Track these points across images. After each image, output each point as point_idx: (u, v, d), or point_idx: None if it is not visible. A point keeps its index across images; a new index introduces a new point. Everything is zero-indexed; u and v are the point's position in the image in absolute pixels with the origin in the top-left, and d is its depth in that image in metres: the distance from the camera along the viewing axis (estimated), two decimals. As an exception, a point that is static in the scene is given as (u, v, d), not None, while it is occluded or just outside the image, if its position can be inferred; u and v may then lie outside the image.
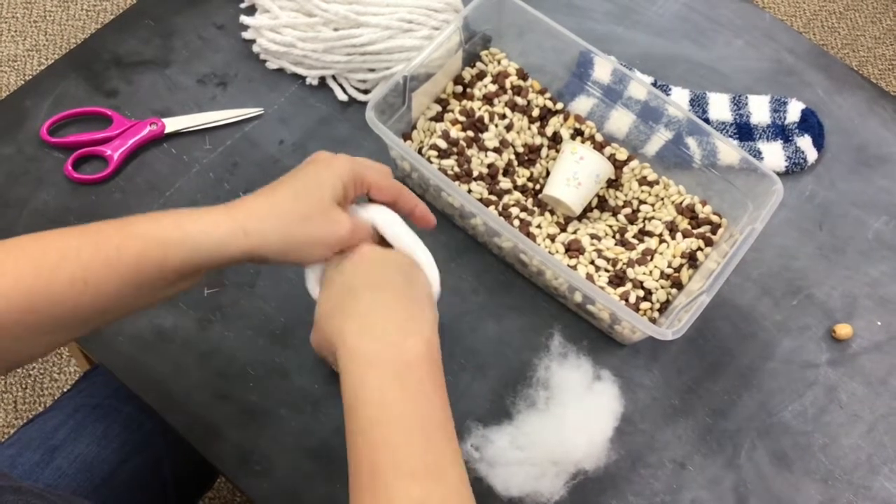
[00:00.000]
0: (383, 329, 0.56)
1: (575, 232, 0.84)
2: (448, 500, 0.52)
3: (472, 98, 0.88)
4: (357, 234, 0.61)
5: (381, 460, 0.52)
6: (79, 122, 0.88)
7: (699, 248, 0.83)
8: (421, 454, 0.52)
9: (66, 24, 1.87)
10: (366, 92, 0.92)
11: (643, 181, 0.87)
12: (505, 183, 0.85)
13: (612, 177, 0.88)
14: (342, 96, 0.91)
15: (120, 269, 0.54)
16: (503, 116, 0.87)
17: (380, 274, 0.61)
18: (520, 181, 0.86)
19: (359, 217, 0.63)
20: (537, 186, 0.88)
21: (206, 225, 0.56)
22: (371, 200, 0.66)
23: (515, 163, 0.87)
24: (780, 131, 0.93)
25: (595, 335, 0.81)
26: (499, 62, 0.90)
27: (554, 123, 0.89)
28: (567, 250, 0.82)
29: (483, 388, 0.78)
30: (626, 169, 0.88)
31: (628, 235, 0.84)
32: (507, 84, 0.88)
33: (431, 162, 0.83)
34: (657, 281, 0.80)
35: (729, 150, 0.82)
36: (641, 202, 0.87)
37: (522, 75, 0.90)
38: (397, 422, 0.53)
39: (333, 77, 0.91)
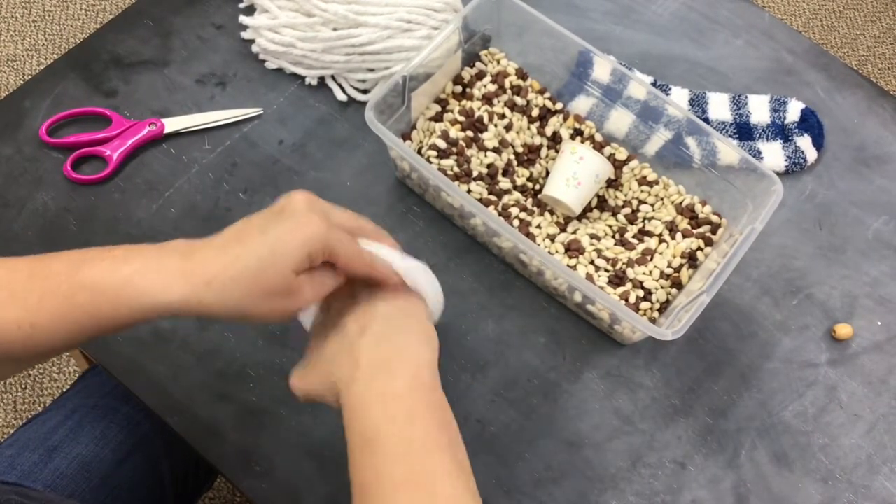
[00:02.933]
0: (377, 358, 0.57)
1: (575, 232, 0.84)
2: None
3: (471, 98, 0.88)
4: (311, 299, 0.57)
5: (367, 480, 0.53)
6: (78, 123, 0.88)
7: (699, 248, 0.82)
8: (407, 468, 0.52)
9: (65, 24, 1.86)
10: (365, 92, 0.91)
11: (643, 181, 0.87)
12: (504, 183, 0.85)
13: (612, 177, 0.88)
14: (341, 96, 0.91)
15: (68, 317, 0.52)
16: (502, 116, 0.87)
17: (371, 318, 0.60)
18: (519, 181, 0.86)
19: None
20: (537, 186, 0.88)
21: (159, 287, 0.52)
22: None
23: (515, 163, 0.87)
24: (780, 131, 0.93)
25: (595, 335, 0.81)
26: (498, 62, 0.90)
27: (553, 123, 0.89)
28: (567, 250, 0.82)
29: (483, 388, 0.78)
30: (625, 169, 0.88)
31: (628, 235, 0.84)
32: (507, 84, 0.88)
33: (431, 162, 0.83)
34: (657, 281, 0.80)
35: (729, 150, 0.82)
36: (641, 202, 0.87)
37: (522, 75, 0.90)
38: (383, 445, 0.53)
39: (333, 77, 0.91)
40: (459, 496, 0.53)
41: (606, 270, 0.81)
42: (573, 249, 0.82)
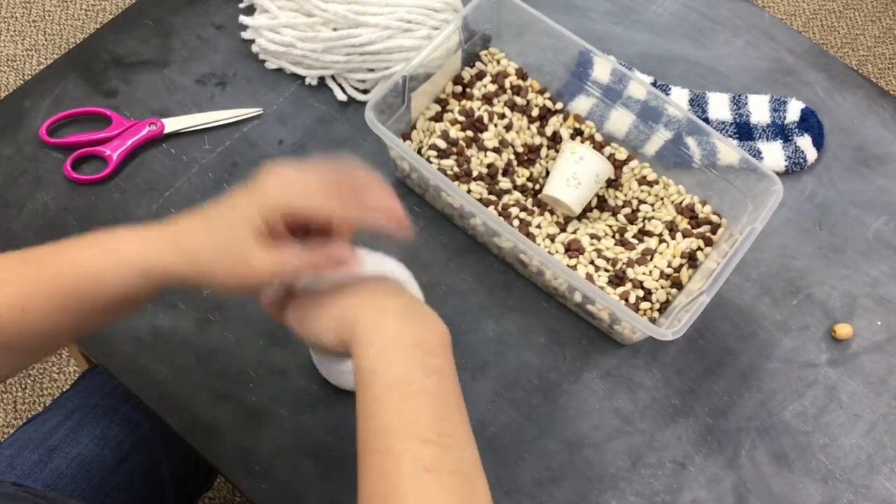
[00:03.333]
0: (407, 313, 0.56)
1: (574, 232, 0.84)
2: (459, 471, 0.51)
3: (471, 98, 0.88)
4: (283, 273, 0.56)
5: (391, 423, 0.51)
6: (78, 123, 0.88)
7: (699, 248, 0.82)
8: (433, 424, 0.52)
9: (65, 24, 1.86)
10: (365, 92, 0.91)
11: (643, 181, 0.87)
12: (504, 183, 0.85)
13: (612, 177, 0.88)
14: (341, 96, 0.91)
15: (59, 298, 0.54)
16: (502, 116, 0.87)
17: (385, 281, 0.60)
18: (519, 181, 0.86)
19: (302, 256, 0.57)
20: (537, 186, 0.88)
21: (148, 253, 0.54)
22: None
23: (515, 163, 0.87)
24: (780, 131, 0.93)
25: (595, 335, 0.81)
26: (498, 62, 0.90)
27: (553, 123, 0.89)
28: (567, 250, 0.82)
29: (483, 388, 0.78)
30: (625, 169, 0.88)
31: (628, 235, 0.84)
32: (507, 84, 0.88)
33: (431, 162, 0.83)
34: (657, 281, 0.80)
35: (729, 150, 0.82)
36: (641, 202, 0.87)
37: (522, 75, 0.90)
38: (414, 393, 0.52)
39: (333, 77, 0.91)
40: (479, 461, 0.53)
41: (606, 270, 0.81)
42: (573, 249, 0.82)
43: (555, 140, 0.89)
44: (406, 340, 0.54)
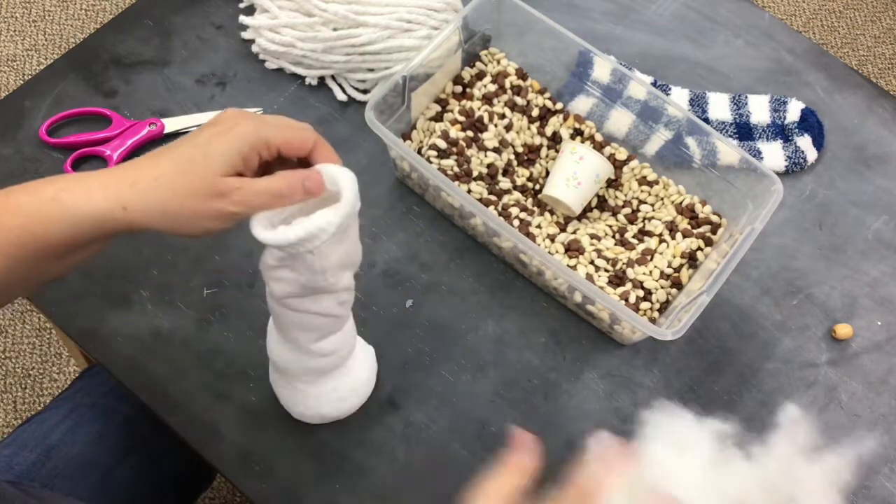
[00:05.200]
0: None
1: (575, 232, 0.84)
2: None
3: (471, 98, 0.88)
4: (252, 201, 0.54)
5: None
6: (78, 123, 0.88)
7: (699, 248, 0.82)
8: None
9: (65, 24, 1.86)
10: (365, 92, 0.91)
11: (643, 181, 0.87)
12: (504, 183, 0.85)
13: (612, 177, 0.88)
14: (341, 96, 0.91)
15: (2, 245, 0.51)
16: (503, 116, 0.87)
17: None
18: (519, 181, 0.86)
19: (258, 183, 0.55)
20: (537, 186, 0.88)
21: (80, 198, 0.51)
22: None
23: (515, 163, 0.87)
24: (780, 131, 0.93)
25: (595, 335, 0.81)
26: (498, 62, 0.90)
27: (553, 123, 0.89)
28: (567, 250, 0.82)
29: (483, 388, 0.78)
30: (625, 169, 0.88)
31: (628, 235, 0.84)
32: (507, 84, 0.88)
33: (431, 162, 0.83)
34: (657, 281, 0.80)
35: (729, 150, 0.82)
36: (641, 202, 0.87)
37: (522, 75, 0.90)
38: None
39: (333, 77, 0.91)
40: None
41: (606, 270, 0.81)
42: (573, 249, 0.82)
43: (555, 140, 0.89)
44: None
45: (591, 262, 0.81)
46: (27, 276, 0.54)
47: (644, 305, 0.79)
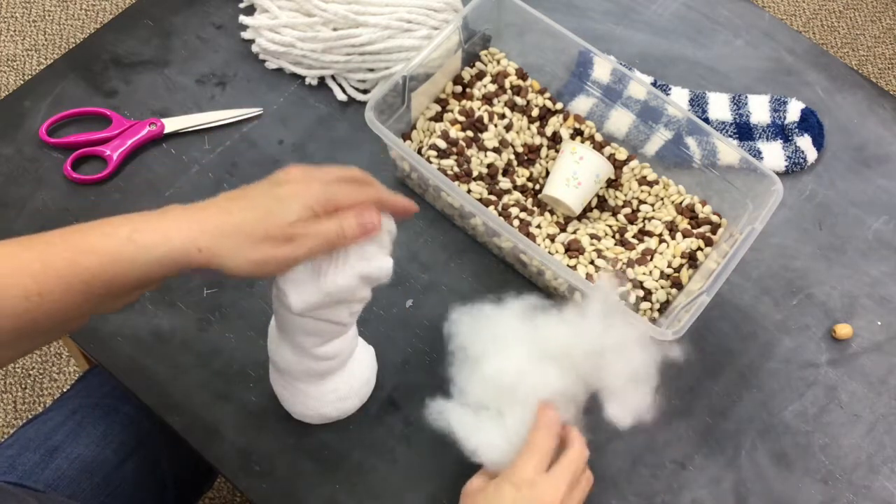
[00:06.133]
0: None
1: (575, 232, 0.84)
2: None
3: (471, 98, 0.88)
4: (313, 246, 0.58)
5: None
6: (78, 123, 0.88)
7: (699, 248, 0.82)
8: None
9: (65, 24, 1.86)
10: (365, 92, 0.91)
11: (643, 181, 0.87)
12: (504, 183, 0.85)
13: (612, 177, 0.88)
14: (341, 96, 0.91)
15: (74, 283, 0.53)
16: (503, 116, 0.87)
17: None
18: (519, 181, 0.86)
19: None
20: (537, 186, 0.88)
21: (156, 239, 0.54)
22: None
23: (515, 163, 0.87)
24: (780, 131, 0.93)
25: (595, 335, 0.81)
26: (498, 62, 0.90)
27: (553, 123, 0.89)
28: (567, 250, 0.82)
29: (483, 388, 0.78)
30: (625, 169, 0.88)
31: (628, 235, 0.84)
32: (507, 84, 0.88)
33: (431, 162, 0.83)
34: (657, 281, 0.80)
35: (729, 150, 0.82)
36: (641, 202, 0.87)
37: (522, 75, 0.90)
38: None
39: (333, 77, 0.91)
40: None
41: (606, 270, 0.81)
42: (573, 249, 0.82)
43: (555, 140, 0.89)
44: None
45: (591, 262, 0.81)
46: (88, 312, 0.55)
47: (644, 305, 0.79)
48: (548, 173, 0.88)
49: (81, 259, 0.53)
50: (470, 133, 0.85)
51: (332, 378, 0.70)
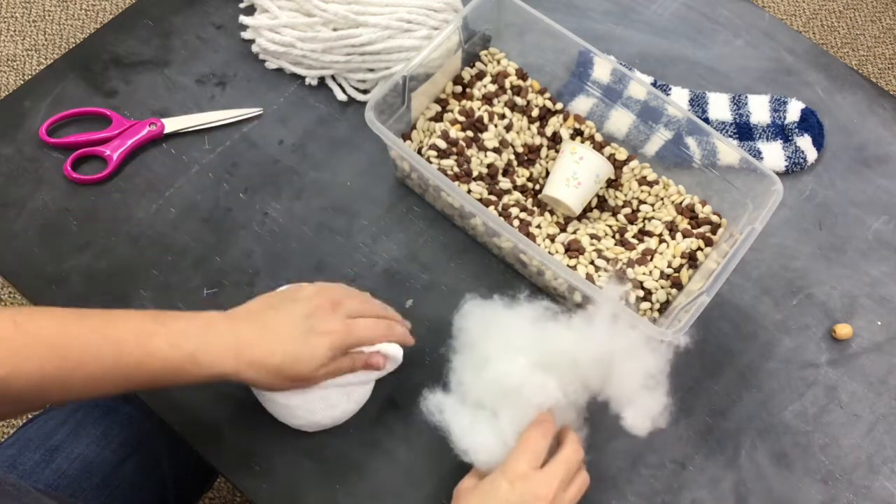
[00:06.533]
0: None
1: (575, 232, 0.84)
2: None
3: (471, 98, 0.88)
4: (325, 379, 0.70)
5: None
6: (78, 123, 0.88)
7: (699, 248, 0.82)
8: None
9: (65, 24, 1.86)
10: (365, 92, 0.91)
11: (643, 181, 0.87)
12: (504, 183, 0.85)
13: (612, 177, 0.88)
14: (341, 96, 0.91)
15: (133, 380, 0.62)
16: (503, 116, 0.87)
17: None
18: (519, 181, 0.86)
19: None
20: (537, 186, 0.88)
21: (213, 361, 0.63)
22: None
23: (515, 163, 0.87)
24: (780, 131, 0.93)
25: (595, 335, 0.81)
26: (498, 62, 0.90)
27: (553, 123, 0.89)
28: (567, 250, 0.82)
29: (483, 388, 0.78)
30: (625, 169, 0.88)
31: (628, 235, 0.84)
32: (507, 84, 0.88)
33: (431, 162, 0.83)
34: (657, 281, 0.80)
35: (729, 150, 0.82)
36: (641, 202, 0.87)
37: (522, 75, 0.90)
38: None
39: (333, 77, 0.91)
40: None
41: (606, 270, 0.81)
42: (573, 249, 0.82)
43: (555, 140, 0.89)
44: None
45: (591, 262, 0.81)
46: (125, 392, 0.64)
47: (644, 305, 0.79)
48: (548, 173, 0.88)
49: (148, 363, 0.62)
50: (470, 133, 0.85)
51: (316, 388, 0.70)
